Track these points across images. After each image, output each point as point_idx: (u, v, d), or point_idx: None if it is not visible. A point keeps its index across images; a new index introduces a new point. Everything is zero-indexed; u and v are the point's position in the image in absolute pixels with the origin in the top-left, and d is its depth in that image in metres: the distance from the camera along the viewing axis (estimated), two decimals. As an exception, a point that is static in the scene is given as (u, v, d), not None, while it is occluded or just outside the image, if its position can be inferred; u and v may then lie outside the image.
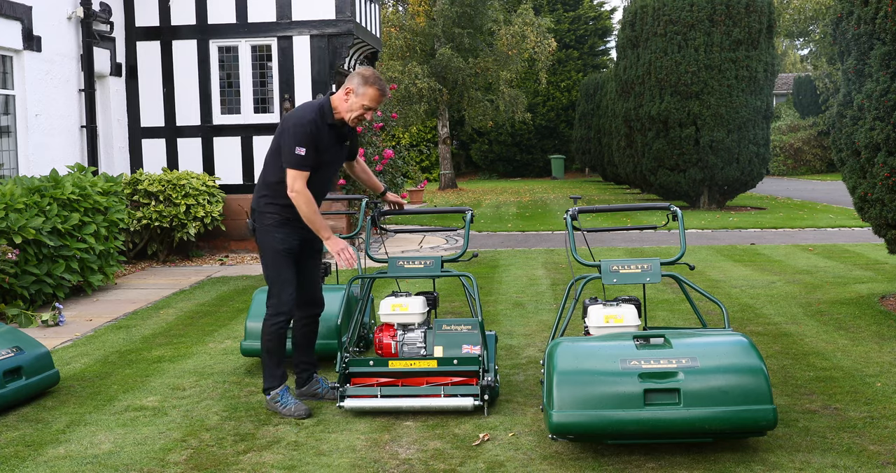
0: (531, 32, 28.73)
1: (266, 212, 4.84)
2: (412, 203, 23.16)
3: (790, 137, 34.75)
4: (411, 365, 4.79)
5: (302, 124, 4.68)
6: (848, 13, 7.39)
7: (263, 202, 4.86)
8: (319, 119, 4.74)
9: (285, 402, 4.80)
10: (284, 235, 4.83)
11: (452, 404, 4.68)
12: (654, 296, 8.01)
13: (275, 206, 4.82)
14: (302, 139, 4.65)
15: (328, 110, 4.78)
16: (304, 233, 4.88)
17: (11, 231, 7.84)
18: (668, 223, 5.01)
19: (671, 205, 4.95)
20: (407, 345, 5.19)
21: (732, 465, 3.91)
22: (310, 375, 5.12)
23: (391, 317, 5.20)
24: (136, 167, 12.46)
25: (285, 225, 4.83)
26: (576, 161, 36.04)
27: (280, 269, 4.82)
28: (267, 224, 4.84)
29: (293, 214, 4.78)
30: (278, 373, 4.87)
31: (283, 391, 4.85)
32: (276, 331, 4.83)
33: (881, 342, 6.18)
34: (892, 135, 6.79)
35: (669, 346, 4.08)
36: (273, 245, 4.82)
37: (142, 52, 12.56)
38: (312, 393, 5.09)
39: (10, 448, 4.42)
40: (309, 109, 4.78)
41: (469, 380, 4.77)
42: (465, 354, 4.92)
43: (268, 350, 4.85)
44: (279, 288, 4.81)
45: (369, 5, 13.97)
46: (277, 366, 4.87)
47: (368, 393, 4.73)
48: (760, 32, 18.05)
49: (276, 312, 4.82)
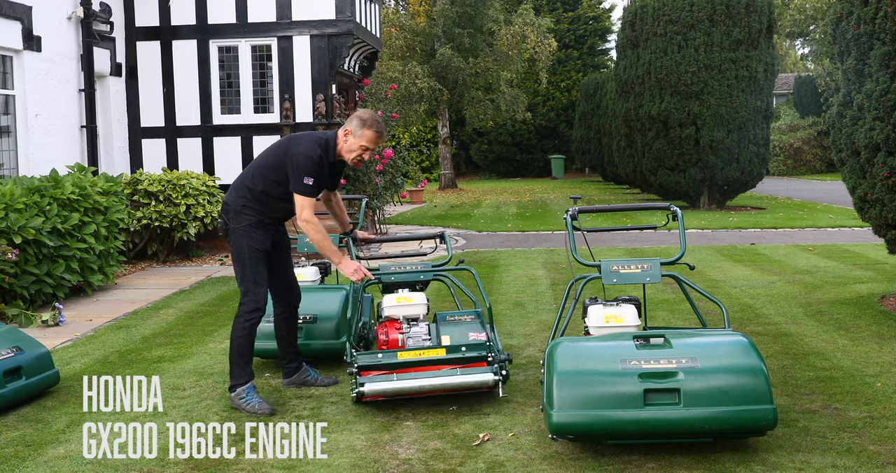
0: (531, 32, 28.73)
1: (243, 214, 4.99)
2: (412, 203, 23.16)
3: (790, 137, 34.74)
4: (421, 355, 4.83)
5: (312, 157, 4.91)
6: (848, 13, 7.39)
7: (241, 203, 5.00)
8: (325, 155, 4.98)
9: (249, 400, 4.87)
10: (261, 236, 5.00)
11: (472, 380, 4.68)
12: (654, 296, 8.01)
13: (253, 210, 4.99)
14: (312, 171, 4.90)
15: (332, 148, 5.01)
16: (276, 236, 5.12)
17: (11, 231, 7.84)
18: (668, 223, 5.02)
19: (671, 205, 4.96)
20: (412, 339, 5.21)
21: (732, 465, 3.91)
22: (298, 364, 5.30)
23: (397, 310, 5.27)
24: (136, 167, 12.46)
25: (261, 226, 5.01)
26: (576, 161, 36.04)
27: (257, 267, 4.97)
28: (244, 225, 4.99)
29: (269, 218, 5.03)
30: (247, 371, 4.95)
31: (249, 388, 4.92)
32: (250, 328, 4.93)
33: (881, 342, 6.19)
34: (891, 135, 6.79)
35: (669, 346, 4.08)
36: (250, 244, 4.97)
37: (142, 52, 12.56)
38: (303, 381, 5.25)
39: (10, 448, 4.42)
40: (315, 143, 4.98)
41: (479, 364, 4.81)
42: (473, 341, 5.01)
43: (239, 346, 4.93)
44: (256, 285, 4.95)
45: (369, 5, 13.97)
46: (247, 364, 4.96)
47: (385, 379, 4.70)
48: (760, 32, 18.05)
49: (253, 308, 4.92)
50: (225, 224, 5.07)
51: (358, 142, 4.96)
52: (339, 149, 5.03)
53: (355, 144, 4.96)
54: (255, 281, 4.96)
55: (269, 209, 5.03)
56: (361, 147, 4.97)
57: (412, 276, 5.51)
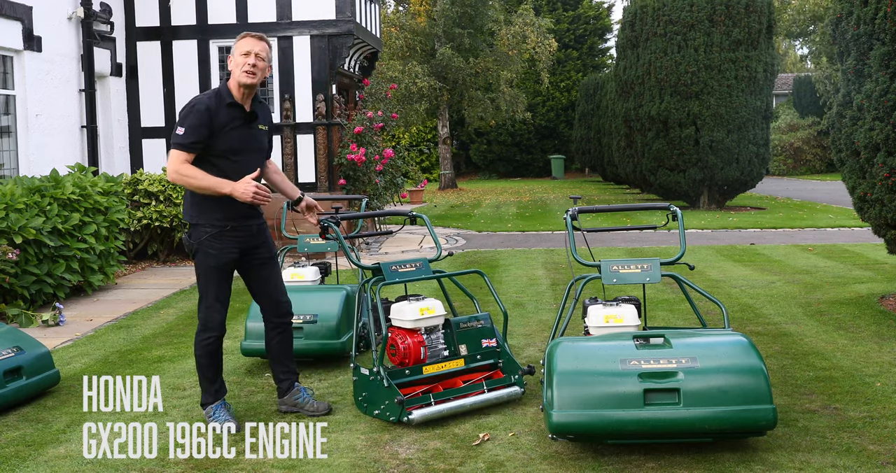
0: (531, 32, 28.73)
1: (198, 226, 4.56)
2: (412, 203, 23.15)
3: (790, 137, 34.74)
4: (443, 368, 4.90)
5: (192, 106, 4.47)
6: (847, 13, 7.40)
7: (190, 214, 4.60)
8: (215, 99, 4.51)
9: (217, 417, 4.61)
10: (219, 250, 4.56)
11: (506, 394, 4.88)
12: (654, 296, 8.01)
13: (203, 217, 4.55)
14: (190, 120, 4.42)
15: (225, 89, 4.56)
16: (245, 243, 4.64)
17: (12, 231, 7.84)
18: (668, 223, 5.02)
19: (671, 205, 4.97)
20: (431, 349, 5.09)
21: (732, 465, 3.91)
22: (291, 384, 4.89)
23: (422, 322, 5.00)
24: (137, 167, 12.47)
25: (219, 237, 4.55)
26: (576, 161, 36.03)
27: (209, 287, 4.60)
28: (202, 239, 4.55)
29: (226, 221, 4.54)
30: (212, 389, 4.68)
31: (217, 406, 4.66)
32: (204, 348, 4.63)
33: (881, 342, 6.19)
34: (891, 135, 6.79)
35: (669, 346, 4.08)
36: (205, 261, 4.57)
37: (142, 52, 12.57)
38: (293, 404, 4.85)
39: (10, 448, 4.42)
40: (203, 95, 4.58)
41: (494, 373, 5.01)
42: (486, 348, 5.09)
43: (200, 367, 4.68)
44: (206, 307, 4.61)
45: (369, 5, 13.98)
46: (211, 382, 4.68)
47: (423, 403, 4.68)
48: (760, 32, 18.06)
49: (205, 329, 4.62)
50: (189, 240, 4.62)
51: (237, 56, 4.52)
52: (232, 83, 4.54)
53: (237, 60, 4.51)
54: (207, 302, 4.60)
55: (217, 209, 4.51)
56: (242, 55, 4.50)
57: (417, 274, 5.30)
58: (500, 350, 5.09)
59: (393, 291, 7.72)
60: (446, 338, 5.13)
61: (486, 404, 4.82)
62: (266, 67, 4.60)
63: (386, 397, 4.62)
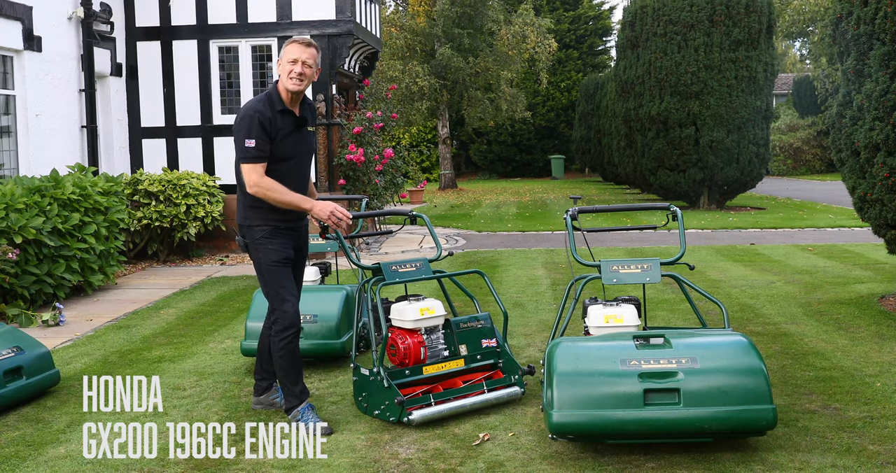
0: (531, 32, 28.73)
1: (254, 226, 4.63)
2: (412, 203, 23.16)
3: (790, 137, 34.76)
4: (443, 368, 4.90)
5: (250, 116, 4.51)
6: (847, 13, 7.40)
7: (246, 214, 4.65)
8: (268, 106, 4.58)
9: (306, 420, 4.55)
10: (278, 245, 4.63)
11: (505, 394, 4.89)
12: (654, 296, 8.02)
13: (260, 218, 4.61)
14: (253, 130, 4.48)
15: (276, 94, 4.63)
16: (297, 241, 4.77)
17: (12, 231, 7.84)
18: (668, 223, 5.02)
19: (671, 205, 4.97)
20: (431, 349, 5.11)
21: (732, 465, 3.91)
22: (269, 384, 4.95)
23: (423, 322, 5.00)
24: (137, 167, 12.47)
25: (277, 234, 4.63)
26: (576, 161, 36.05)
27: (281, 282, 4.62)
28: (258, 237, 4.62)
29: (282, 222, 4.63)
30: (296, 390, 4.63)
31: (304, 409, 4.62)
32: (285, 347, 4.58)
33: (881, 342, 6.19)
34: (891, 135, 6.79)
35: (669, 346, 4.08)
36: (269, 257, 4.61)
37: (142, 52, 12.56)
38: (270, 403, 4.93)
39: (10, 447, 4.42)
40: (255, 100, 4.61)
41: (494, 374, 5.01)
42: (486, 348, 5.09)
43: (281, 368, 4.61)
44: (281, 302, 4.60)
45: (369, 5, 13.98)
46: (295, 384, 4.63)
47: (423, 403, 4.68)
48: (760, 33, 18.06)
49: (284, 327, 4.57)
50: (243, 240, 4.70)
51: (285, 62, 4.61)
52: (281, 88, 4.62)
53: (284, 67, 4.60)
54: (280, 296, 4.59)
55: (273, 209, 4.58)
56: (290, 62, 4.59)
57: (417, 274, 5.30)
58: (500, 350, 5.10)
59: (393, 291, 7.72)
60: (446, 338, 5.13)
61: (486, 404, 4.83)
62: (314, 73, 4.73)
63: (386, 397, 4.63)
